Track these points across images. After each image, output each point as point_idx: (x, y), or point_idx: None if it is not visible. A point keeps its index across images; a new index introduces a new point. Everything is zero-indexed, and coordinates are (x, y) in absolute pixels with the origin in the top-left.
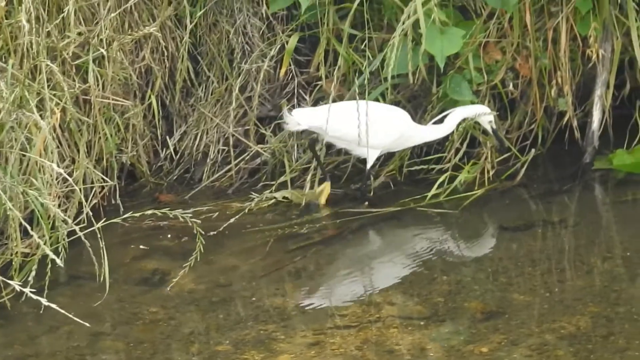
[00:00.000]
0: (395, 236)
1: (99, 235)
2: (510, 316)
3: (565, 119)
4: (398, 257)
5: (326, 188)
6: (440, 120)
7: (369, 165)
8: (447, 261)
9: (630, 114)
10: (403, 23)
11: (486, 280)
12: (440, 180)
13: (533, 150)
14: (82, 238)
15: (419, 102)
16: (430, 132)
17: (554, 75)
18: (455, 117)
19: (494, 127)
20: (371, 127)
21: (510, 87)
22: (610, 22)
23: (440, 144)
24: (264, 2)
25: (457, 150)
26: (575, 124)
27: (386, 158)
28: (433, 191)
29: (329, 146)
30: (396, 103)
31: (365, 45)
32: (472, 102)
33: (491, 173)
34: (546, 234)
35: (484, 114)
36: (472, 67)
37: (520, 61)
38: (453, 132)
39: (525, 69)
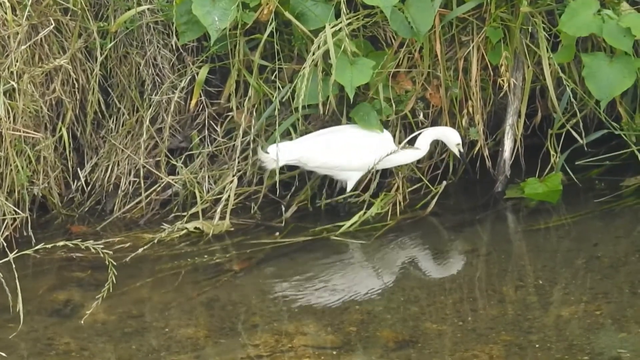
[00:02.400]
0: (306, 266)
1: (13, 267)
2: (422, 345)
3: (477, 148)
4: (310, 286)
5: None
6: (411, 142)
7: (349, 188)
8: (359, 290)
9: (542, 142)
10: (313, 54)
11: (398, 310)
12: (360, 213)
13: (445, 181)
14: None
15: None
16: (408, 155)
17: (465, 105)
18: (426, 138)
19: (461, 150)
20: (353, 152)
21: (421, 116)
22: (521, 51)
23: None
24: (174, 33)
25: (369, 180)
26: (486, 153)
27: (298, 188)
28: (350, 222)
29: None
30: (306, 134)
31: (275, 76)
32: (380, 131)
33: (403, 204)
34: (458, 263)
35: (452, 136)
36: (382, 97)
37: (431, 91)
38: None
39: (435, 99)
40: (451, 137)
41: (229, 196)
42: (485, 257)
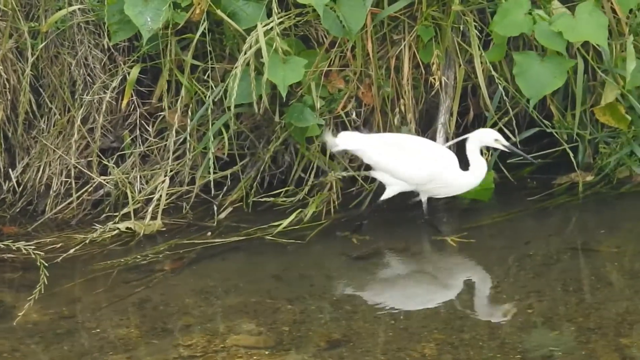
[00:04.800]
0: (238, 266)
1: None
2: (355, 344)
3: None
4: (242, 286)
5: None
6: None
7: (383, 197)
8: (292, 290)
9: None
10: (245, 53)
11: (331, 309)
12: (295, 214)
13: (378, 180)
14: None
15: (261, 132)
16: (470, 178)
17: (397, 103)
18: (472, 150)
19: (504, 143)
20: (402, 159)
21: (354, 115)
22: (452, 50)
23: (283, 173)
24: (106, 33)
25: (301, 179)
26: None
27: (230, 187)
28: (285, 222)
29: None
30: (239, 133)
31: (207, 76)
32: (318, 125)
33: (337, 203)
34: (390, 262)
35: (485, 137)
36: (315, 95)
37: (363, 89)
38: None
39: (368, 97)
40: (485, 138)
41: (160, 196)
42: (418, 256)
